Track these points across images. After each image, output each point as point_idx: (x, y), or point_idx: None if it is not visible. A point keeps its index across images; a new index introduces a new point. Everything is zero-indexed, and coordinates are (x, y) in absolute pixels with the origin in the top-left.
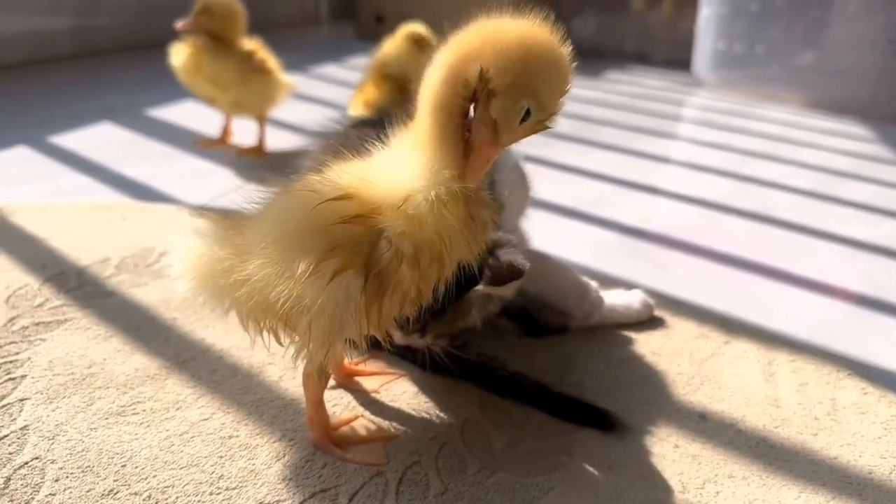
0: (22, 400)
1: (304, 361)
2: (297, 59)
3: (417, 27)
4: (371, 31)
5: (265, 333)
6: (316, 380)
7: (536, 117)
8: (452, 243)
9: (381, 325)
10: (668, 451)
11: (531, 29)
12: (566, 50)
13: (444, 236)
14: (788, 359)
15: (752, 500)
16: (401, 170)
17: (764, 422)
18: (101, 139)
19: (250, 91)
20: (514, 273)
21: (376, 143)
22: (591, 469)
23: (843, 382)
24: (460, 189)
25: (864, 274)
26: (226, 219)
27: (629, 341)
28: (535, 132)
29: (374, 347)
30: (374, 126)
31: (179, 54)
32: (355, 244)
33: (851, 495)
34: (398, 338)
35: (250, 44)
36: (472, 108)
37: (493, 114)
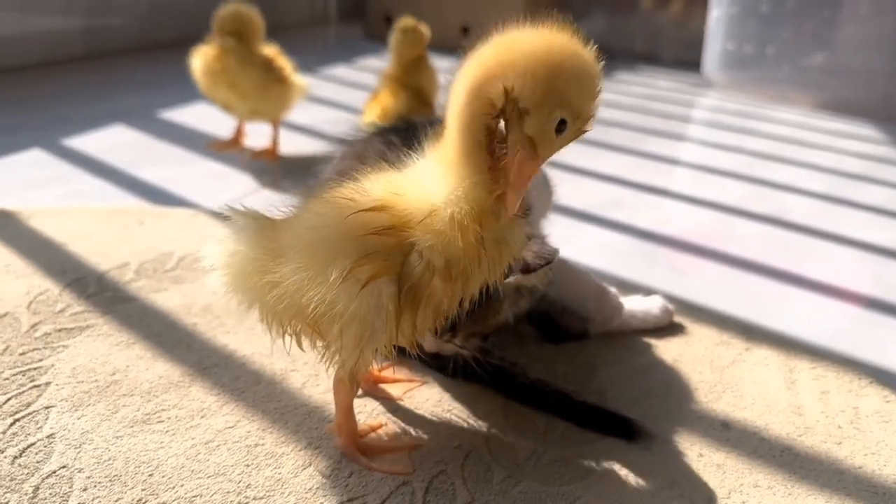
0: (48, 408)
1: (336, 368)
2: (307, 60)
3: (408, 21)
4: (380, 31)
5: (287, 337)
6: (347, 386)
7: (573, 126)
8: (476, 261)
9: (414, 337)
10: (693, 460)
11: (551, 37)
12: (591, 52)
13: (468, 253)
14: (809, 366)
15: None
16: (429, 185)
17: (787, 430)
18: (115, 141)
19: (269, 100)
20: (542, 260)
21: (409, 154)
22: (616, 478)
23: (865, 390)
24: (482, 208)
25: (879, 278)
26: (262, 218)
27: (649, 348)
28: (575, 139)
29: (399, 354)
30: (400, 134)
31: (202, 57)
32: (388, 253)
33: None
34: (429, 344)
35: (269, 50)
36: (500, 124)
37: (528, 131)
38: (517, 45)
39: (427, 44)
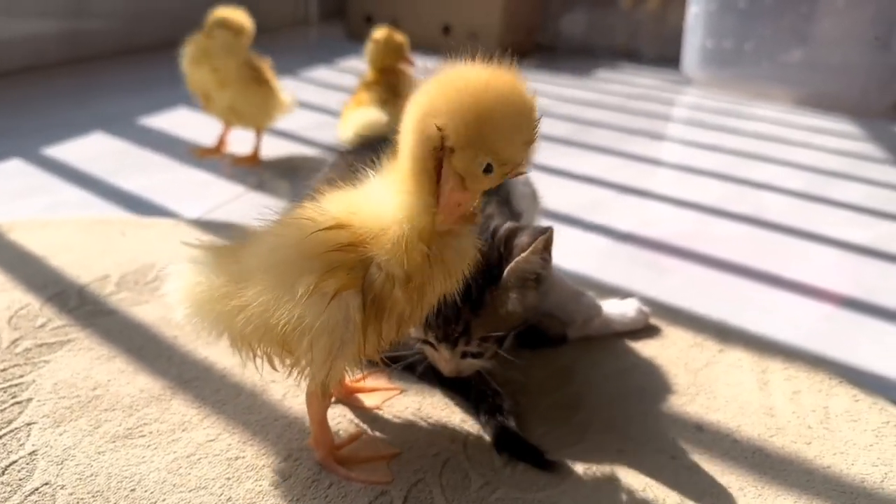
0: (29, 424)
1: (307, 381)
2: (288, 62)
3: (382, 30)
4: (361, 31)
5: (257, 359)
6: (319, 399)
7: (500, 170)
8: (427, 273)
9: (380, 347)
10: (667, 463)
11: (489, 81)
12: (527, 98)
13: (418, 268)
14: (782, 366)
15: None
16: (382, 204)
17: (759, 431)
18: (95, 150)
19: (247, 97)
20: (536, 235)
21: (367, 172)
22: (591, 483)
23: (836, 390)
24: (427, 229)
25: (855, 276)
26: (221, 246)
27: (626, 351)
28: (505, 178)
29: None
30: (368, 152)
31: (190, 43)
32: (350, 268)
33: None
34: (447, 370)
35: (259, 59)
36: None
37: (456, 167)
38: (454, 85)
39: (404, 50)
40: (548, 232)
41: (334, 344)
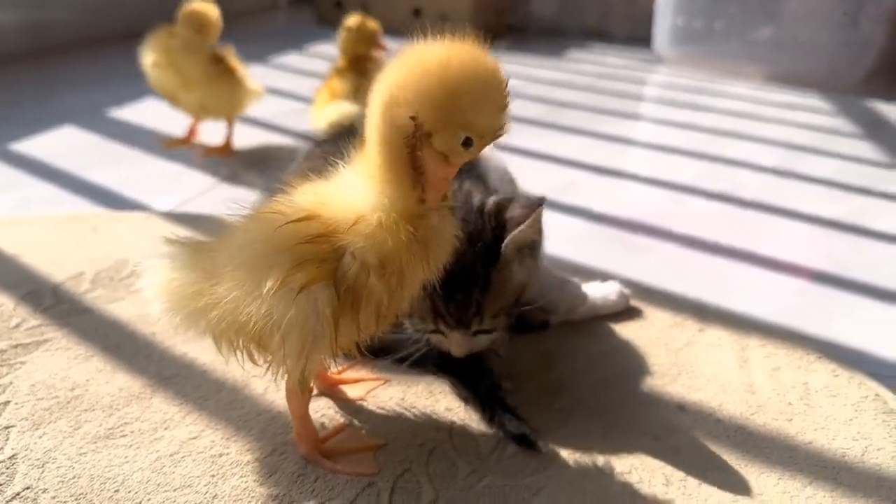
0: (7, 427)
1: (285, 378)
2: (257, 48)
3: (354, 18)
4: (331, 16)
5: (239, 354)
6: (298, 394)
7: (480, 141)
8: (408, 258)
9: (359, 339)
10: (650, 444)
11: (450, 57)
12: (491, 65)
13: (399, 252)
14: (760, 344)
15: (733, 489)
16: (354, 194)
17: (741, 409)
18: (64, 144)
19: (216, 93)
20: (529, 206)
21: (336, 163)
22: (577, 467)
23: (814, 366)
24: (410, 211)
25: (828, 251)
26: (196, 242)
27: (607, 334)
28: (487, 145)
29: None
30: (342, 142)
31: (150, 45)
32: (321, 260)
33: (827, 479)
34: (461, 352)
35: (222, 50)
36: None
37: (437, 148)
38: (416, 69)
39: (378, 37)
40: (542, 204)
41: (306, 338)
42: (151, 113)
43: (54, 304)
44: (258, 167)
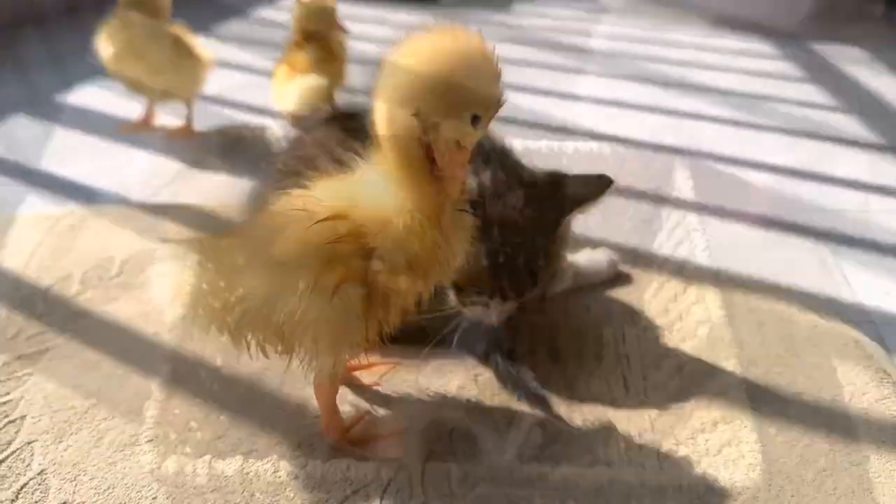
0: (30, 443)
1: (314, 373)
2: (197, 16)
3: None
4: None
5: (254, 348)
6: (328, 388)
7: (486, 114)
8: (434, 258)
9: (384, 333)
10: (648, 422)
11: (434, 46)
12: (474, 40)
13: (426, 253)
14: (744, 298)
15: (739, 444)
16: (379, 193)
17: (732, 365)
18: (16, 136)
19: (181, 77)
20: (601, 185)
21: (356, 158)
22: (590, 431)
23: (796, 318)
24: (433, 213)
25: (790, 199)
26: (203, 240)
27: (599, 301)
28: (493, 118)
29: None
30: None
31: (106, 33)
32: (350, 259)
33: (820, 426)
34: (500, 318)
35: (175, 29)
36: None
37: (447, 135)
38: (405, 66)
39: (334, 15)
40: (611, 183)
41: (338, 336)
42: (103, 96)
43: (49, 310)
44: (224, 150)
